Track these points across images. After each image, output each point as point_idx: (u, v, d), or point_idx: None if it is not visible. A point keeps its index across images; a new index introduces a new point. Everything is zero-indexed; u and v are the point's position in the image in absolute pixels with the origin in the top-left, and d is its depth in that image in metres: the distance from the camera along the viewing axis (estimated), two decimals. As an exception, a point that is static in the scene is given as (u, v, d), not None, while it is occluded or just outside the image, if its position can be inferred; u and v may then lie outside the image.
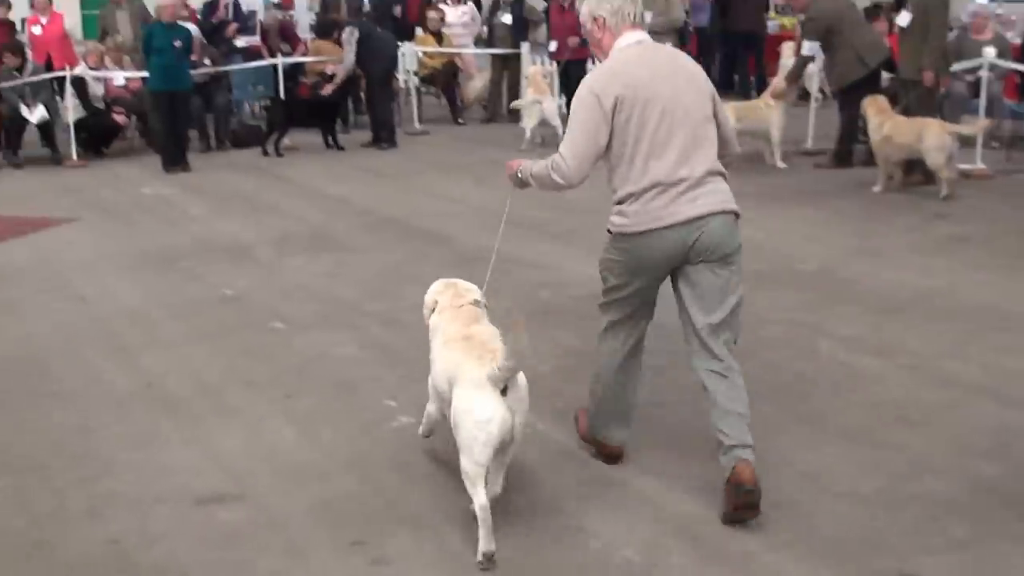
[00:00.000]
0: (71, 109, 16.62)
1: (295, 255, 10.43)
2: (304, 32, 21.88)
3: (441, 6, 20.78)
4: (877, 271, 9.34)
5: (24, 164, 16.36)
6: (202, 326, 8.35)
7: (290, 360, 7.54)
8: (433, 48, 19.90)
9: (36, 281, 9.83)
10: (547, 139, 16.53)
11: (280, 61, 18.55)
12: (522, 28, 19.74)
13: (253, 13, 21.16)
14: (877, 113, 12.84)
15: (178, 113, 15.80)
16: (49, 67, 17.33)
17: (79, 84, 16.83)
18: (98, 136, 17.27)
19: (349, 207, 12.66)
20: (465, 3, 21.08)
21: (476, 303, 5.54)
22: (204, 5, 20.65)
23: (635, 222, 5.21)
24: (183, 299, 9.09)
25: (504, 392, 4.86)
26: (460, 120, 19.92)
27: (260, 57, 19.38)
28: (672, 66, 5.31)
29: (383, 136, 17.36)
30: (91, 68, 17.14)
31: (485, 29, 21.08)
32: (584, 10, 5.47)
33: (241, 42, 19.91)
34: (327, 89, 17.59)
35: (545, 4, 19.80)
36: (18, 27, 19.77)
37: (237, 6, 20.79)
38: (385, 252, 10.43)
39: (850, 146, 14.42)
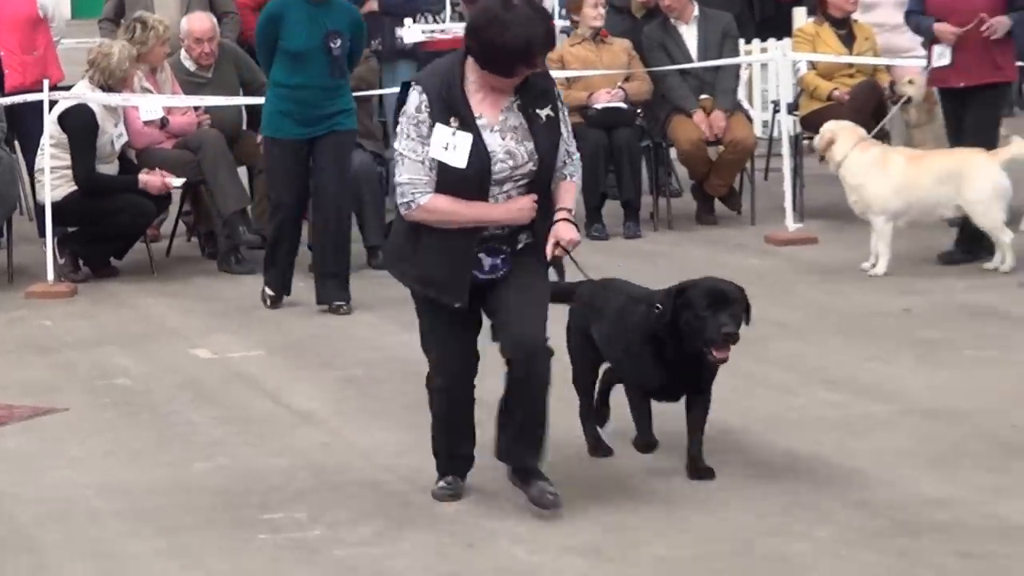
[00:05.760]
0: (48, 174, 8.74)
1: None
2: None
3: None
4: None
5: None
6: None
7: None
8: (837, 55, 10.10)
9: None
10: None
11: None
12: None
13: None
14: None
15: (327, 186, 8.18)
16: None
17: (76, 120, 8.84)
18: (105, 231, 9.05)
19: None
20: None
21: None
22: None
23: None
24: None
25: None
26: None
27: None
28: None
29: None
30: (99, 85, 9.00)
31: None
32: None
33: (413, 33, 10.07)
34: None
35: None
36: None
37: None
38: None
39: None
